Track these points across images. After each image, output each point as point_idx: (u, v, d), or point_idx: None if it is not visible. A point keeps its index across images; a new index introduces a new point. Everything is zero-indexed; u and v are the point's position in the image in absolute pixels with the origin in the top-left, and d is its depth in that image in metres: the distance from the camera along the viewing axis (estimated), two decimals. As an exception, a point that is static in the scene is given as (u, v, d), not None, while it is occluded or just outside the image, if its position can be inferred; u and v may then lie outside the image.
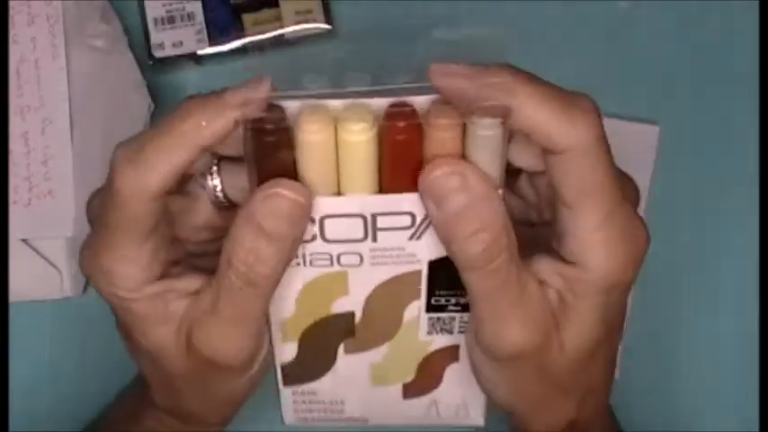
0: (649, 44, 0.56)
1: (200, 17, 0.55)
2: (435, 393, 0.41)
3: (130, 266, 0.34)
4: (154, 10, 0.55)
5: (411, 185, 0.32)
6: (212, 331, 0.34)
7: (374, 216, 0.33)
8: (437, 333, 0.38)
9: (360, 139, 0.31)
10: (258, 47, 0.56)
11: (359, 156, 0.31)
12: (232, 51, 0.55)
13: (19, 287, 0.54)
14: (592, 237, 0.32)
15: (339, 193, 0.33)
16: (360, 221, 0.33)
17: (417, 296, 0.37)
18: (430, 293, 0.37)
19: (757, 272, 0.55)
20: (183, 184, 0.36)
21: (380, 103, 0.31)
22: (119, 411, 0.46)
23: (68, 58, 0.54)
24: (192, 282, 0.35)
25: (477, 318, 0.34)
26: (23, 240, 0.54)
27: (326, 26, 0.55)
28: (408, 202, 0.33)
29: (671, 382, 0.55)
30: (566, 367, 0.35)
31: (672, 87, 0.56)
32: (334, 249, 0.35)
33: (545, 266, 0.34)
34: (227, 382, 0.37)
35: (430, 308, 0.37)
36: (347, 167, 0.32)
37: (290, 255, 0.33)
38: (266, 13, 0.55)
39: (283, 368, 0.40)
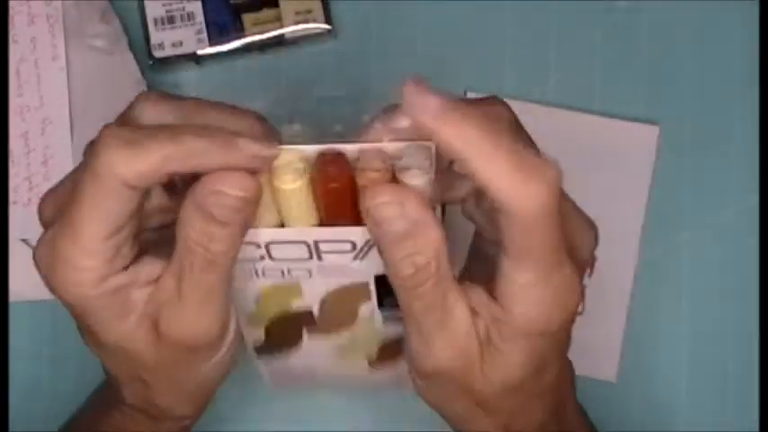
0: (649, 44, 0.56)
1: (200, 17, 0.55)
2: (398, 368, 0.42)
3: (93, 259, 0.33)
4: (154, 10, 0.55)
5: (349, 221, 0.34)
6: (179, 313, 0.34)
7: (317, 243, 0.35)
8: (392, 323, 0.40)
9: (291, 187, 0.32)
10: (258, 47, 0.56)
11: (294, 200, 0.33)
12: (232, 51, 0.55)
13: (19, 287, 0.54)
14: (522, 290, 0.33)
15: (282, 225, 0.34)
16: (303, 246, 0.35)
17: (368, 299, 0.38)
18: (380, 297, 0.38)
19: (757, 272, 0.55)
20: None
21: (312, 150, 0.33)
22: (87, 412, 0.46)
23: (68, 58, 0.54)
24: (152, 270, 0.35)
25: (406, 332, 0.35)
26: (23, 240, 0.54)
27: (326, 26, 0.55)
28: (348, 233, 0.34)
29: (670, 383, 0.55)
30: (489, 393, 0.35)
31: (672, 87, 0.56)
32: (284, 265, 0.36)
33: (477, 298, 0.34)
34: (196, 367, 0.37)
35: (382, 307, 0.39)
36: (285, 209, 0.34)
37: (243, 230, 0.33)
38: (266, 13, 0.55)
39: (255, 346, 0.42)
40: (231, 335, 0.37)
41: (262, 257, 0.36)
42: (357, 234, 0.34)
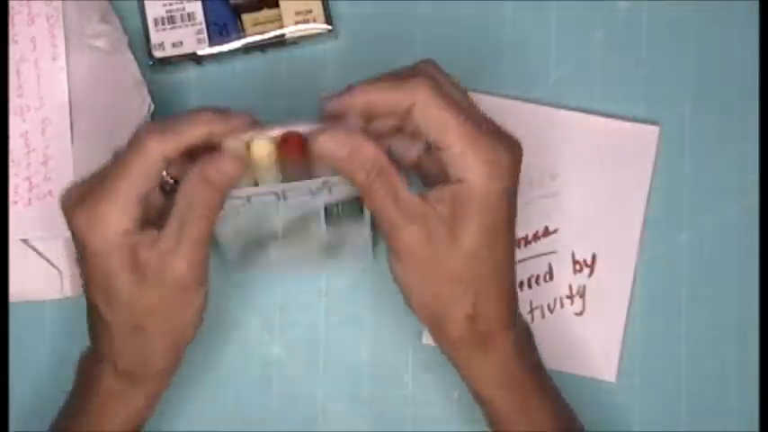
0: (649, 44, 0.56)
1: (200, 17, 0.55)
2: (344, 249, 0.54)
3: (126, 216, 0.44)
4: (154, 10, 0.55)
5: (304, 177, 0.47)
6: (178, 259, 0.45)
7: (284, 191, 0.47)
8: (331, 231, 0.51)
9: (261, 156, 0.45)
10: (258, 47, 0.56)
11: (264, 167, 0.46)
12: (232, 51, 0.55)
13: (19, 287, 0.54)
14: (463, 158, 0.44)
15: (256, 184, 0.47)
16: (273, 195, 0.47)
17: (318, 220, 0.50)
18: (326, 217, 0.50)
19: (757, 272, 0.55)
20: None
21: (278, 131, 0.45)
22: (74, 391, 0.51)
23: (68, 58, 0.54)
24: (156, 234, 0.45)
25: (380, 227, 0.46)
26: (23, 240, 0.54)
27: (326, 26, 0.55)
28: (306, 185, 0.47)
29: (671, 382, 0.55)
30: (459, 261, 0.45)
31: (672, 87, 0.56)
32: (255, 200, 0.48)
33: (436, 192, 0.45)
34: (186, 309, 0.47)
35: (327, 224, 0.51)
36: (258, 175, 0.47)
37: (226, 194, 0.46)
38: (266, 13, 0.55)
39: (232, 253, 0.53)
40: (208, 285, 0.48)
41: (243, 205, 0.48)
42: (312, 184, 0.47)
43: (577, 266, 0.55)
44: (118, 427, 0.49)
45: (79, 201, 0.45)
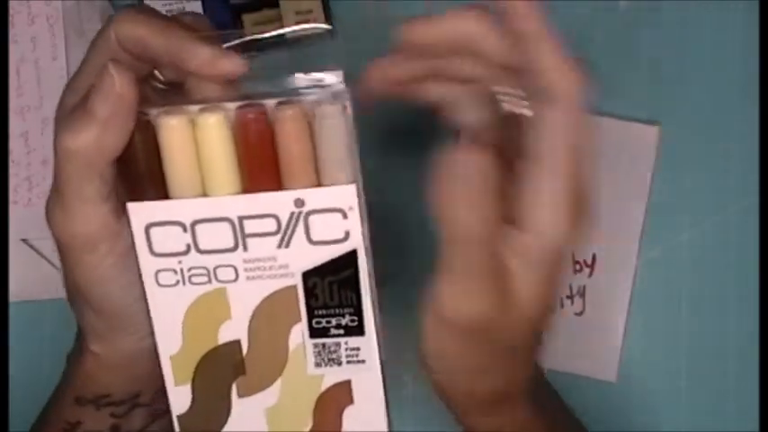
0: (649, 44, 0.56)
1: (200, 17, 0.55)
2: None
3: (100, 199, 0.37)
4: (154, 10, 0.55)
5: (270, 184, 0.35)
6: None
7: (241, 219, 0.35)
8: (326, 365, 0.38)
9: (212, 129, 0.34)
10: (258, 47, 0.56)
11: (215, 150, 0.34)
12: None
13: (19, 287, 0.54)
14: (548, 198, 0.35)
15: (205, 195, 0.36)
16: (228, 227, 0.35)
17: (298, 318, 0.37)
18: (310, 315, 0.37)
19: (757, 272, 0.55)
20: None
21: (234, 105, 0.35)
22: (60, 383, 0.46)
23: (68, 58, 0.54)
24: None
25: (455, 292, 0.36)
26: (23, 240, 0.54)
27: (326, 26, 0.55)
28: (269, 201, 0.35)
29: (671, 382, 0.55)
30: (522, 326, 0.37)
31: (672, 87, 0.56)
32: (210, 262, 0.36)
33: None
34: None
35: (313, 332, 0.38)
36: (207, 165, 0.35)
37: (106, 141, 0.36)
38: (266, 13, 0.55)
39: (180, 420, 0.39)
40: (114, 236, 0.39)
41: (187, 248, 0.36)
42: (280, 203, 0.35)
43: (577, 266, 0.55)
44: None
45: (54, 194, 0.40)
